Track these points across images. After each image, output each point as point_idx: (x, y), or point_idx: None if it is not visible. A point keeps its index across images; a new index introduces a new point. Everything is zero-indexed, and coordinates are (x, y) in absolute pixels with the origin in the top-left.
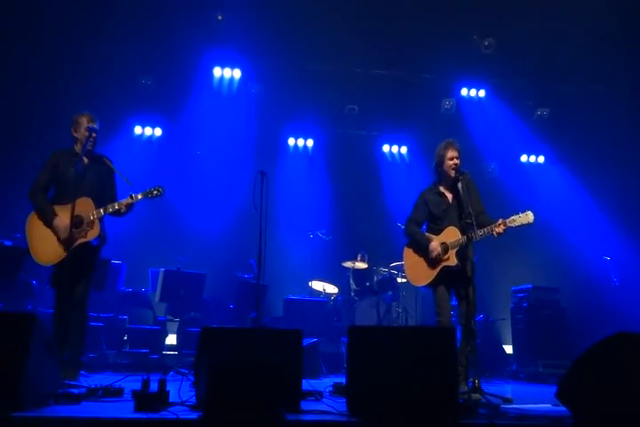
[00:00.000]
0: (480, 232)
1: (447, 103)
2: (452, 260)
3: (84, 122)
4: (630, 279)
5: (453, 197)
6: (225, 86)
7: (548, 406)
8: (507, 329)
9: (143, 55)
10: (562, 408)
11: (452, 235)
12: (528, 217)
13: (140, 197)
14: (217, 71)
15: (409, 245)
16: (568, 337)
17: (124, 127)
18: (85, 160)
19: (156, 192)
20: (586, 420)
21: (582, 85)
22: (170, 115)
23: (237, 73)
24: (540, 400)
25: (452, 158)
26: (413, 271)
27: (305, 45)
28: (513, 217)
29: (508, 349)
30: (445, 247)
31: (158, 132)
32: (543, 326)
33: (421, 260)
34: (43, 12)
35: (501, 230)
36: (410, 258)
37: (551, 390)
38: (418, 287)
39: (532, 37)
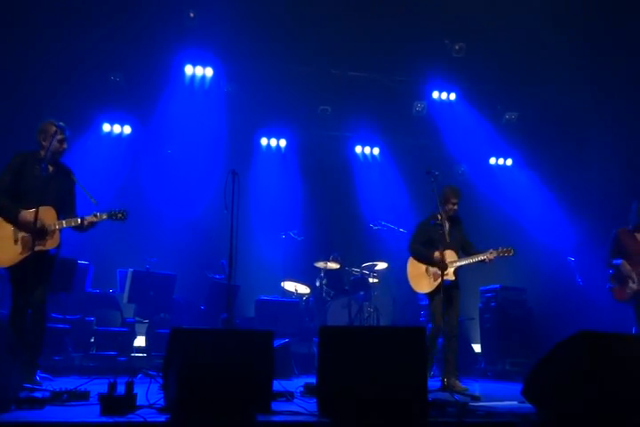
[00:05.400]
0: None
1: (418, 106)
2: (450, 275)
3: (51, 130)
4: (594, 280)
5: (449, 228)
6: (197, 85)
7: (515, 403)
8: (475, 328)
9: (113, 51)
10: (527, 405)
11: (450, 256)
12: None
13: (104, 216)
14: (188, 69)
15: (413, 258)
16: (534, 336)
17: (92, 124)
18: (50, 168)
19: (120, 215)
20: (549, 416)
21: (550, 91)
22: (140, 112)
23: (209, 71)
24: (507, 398)
25: (454, 204)
26: (417, 280)
27: (278, 45)
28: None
29: (477, 348)
30: (445, 265)
31: (127, 129)
32: (511, 326)
33: (424, 272)
34: (7, 5)
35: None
36: (414, 268)
37: (518, 387)
38: (389, 288)
39: (502, 43)
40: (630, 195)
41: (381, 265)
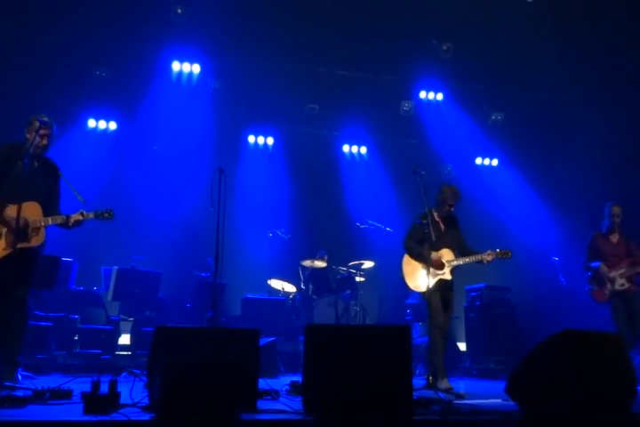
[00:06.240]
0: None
1: (406, 105)
2: (447, 275)
3: (35, 125)
4: (577, 279)
5: (445, 226)
6: (184, 81)
7: (499, 401)
8: (461, 327)
9: (98, 46)
10: (511, 403)
11: (447, 255)
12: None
13: (91, 215)
14: (175, 65)
15: (408, 255)
16: (519, 335)
17: (77, 120)
18: (35, 163)
19: (107, 215)
20: (532, 414)
21: (536, 92)
22: (126, 108)
23: (196, 68)
24: (492, 396)
25: (451, 205)
26: (413, 279)
27: (266, 43)
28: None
29: (462, 346)
30: (442, 264)
31: (113, 125)
32: (495, 324)
33: (420, 270)
34: None
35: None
36: (409, 266)
37: (502, 385)
38: (376, 287)
39: (489, 44)
40: (614, 196)
41: (368, 264)
